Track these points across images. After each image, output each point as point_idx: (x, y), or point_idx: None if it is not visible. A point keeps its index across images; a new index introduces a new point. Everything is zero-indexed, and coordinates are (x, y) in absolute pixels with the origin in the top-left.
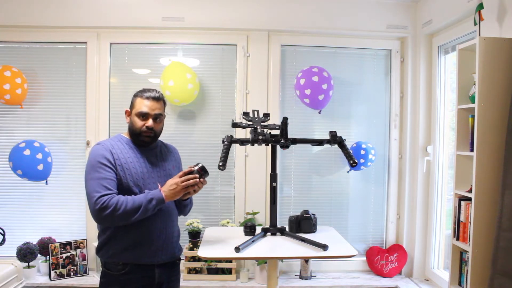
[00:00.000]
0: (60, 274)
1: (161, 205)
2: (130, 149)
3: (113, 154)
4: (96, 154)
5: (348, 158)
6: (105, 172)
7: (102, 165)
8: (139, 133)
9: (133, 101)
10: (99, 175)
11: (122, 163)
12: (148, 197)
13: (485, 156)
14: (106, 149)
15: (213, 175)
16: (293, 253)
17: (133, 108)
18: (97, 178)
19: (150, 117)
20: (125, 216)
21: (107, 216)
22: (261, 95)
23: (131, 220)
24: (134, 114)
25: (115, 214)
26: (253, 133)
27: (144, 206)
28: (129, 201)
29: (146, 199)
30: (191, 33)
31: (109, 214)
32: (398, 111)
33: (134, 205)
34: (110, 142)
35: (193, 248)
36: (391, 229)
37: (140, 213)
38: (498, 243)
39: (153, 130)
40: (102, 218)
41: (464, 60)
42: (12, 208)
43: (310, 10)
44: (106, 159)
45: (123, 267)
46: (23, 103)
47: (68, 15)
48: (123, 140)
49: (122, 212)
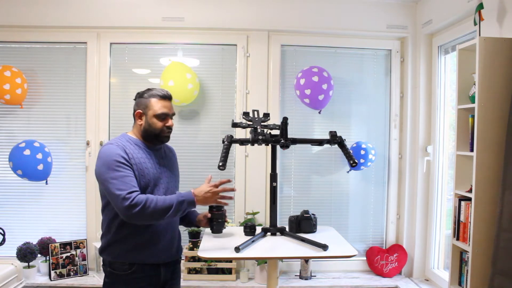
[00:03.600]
0: (60, 274)
1: (191, 208)
2: (140, 149)
3: (127, 154)
4: (112, 153)
5: (348, 158)
6: (125, 170)
7: (120, 163)
8: (159, 133)
9: (147, 102)
10: (120, 173)
11: (137, 162)
12: (179, 199)
13: (485, 156)
14: (120, 148)
15: (213, 175)
16: (293, 253)
17: (149, 110)
18: (119, 177)
19: (169, 117)
20: (155, 214)
21: (137, 213)
22: (261, 95)
23: (161, 219)
24: (152, 116)
25: (146, 211)
26: (253, 133)
27: (176, 206)
28: (160, 200)
29: (177, 200)
30: (191, 33)
31: (139, 211)
32: (398, 111)
33: (165, 204)
34: (121, 141)
35: (193, 248)
36: (391, 229)
37: (171, 213)
38: (498, 243)
39: (171, 129)
40: (132, 216)
41: (464, 60)
42: (12, 208)
43: (310, 10)
44: (123, 158)
45: (129, 267)
46: (23, 103)
47: (68, 15)
48: (131, 140)
49: (152, 210)
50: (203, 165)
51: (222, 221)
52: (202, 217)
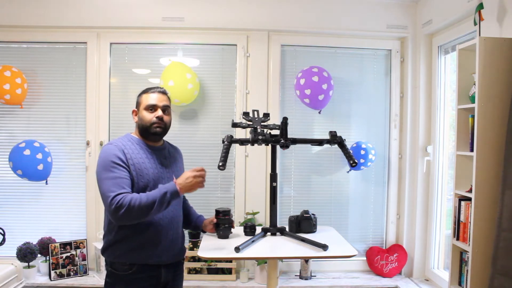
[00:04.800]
0: (60, 274)
1: (176, 197)
2: (141, 149)
3: (125, 154)
4: (109, 154)
5: (348, 158)
6: (119, 171)
7: (115, 164)
8: (150, 125)
9: (139, 99)
10: (113, 174)
11: (135, 163)
12: (162, 191)
13: (485, 156)
14: (118, 148)
15: (213, 175)
16: (293, 253)
17: (140, 105)
18: (111, 178)
19: (158, 108)
20: (141, 212)
21: (123, 215)
22: (261, 95)
23: (148, 216)
24: (142, 109)
25: (131, 211)
26: (253, 133)
27: (159, 200)
28: (143, 197)
29: (160, 193)
30: (191, 33)
31: (125, 212)
32: (398, 111)
33: (148, 200)
34: (121, 141)
35: (193, 248)
36: (391, 229)
37: (156, 207)
38: (498, 243)
39: (163, 121)
40: (119, 217)
41: (464, 60)
42: (12, 208)
43: (310, 10)
44: (119, 159)
45: (130, 267)
46: (23, 103)
47: (68, 15)
48: (133, 140)
49: (137, 209)
50: (203, 165)
51: (228, 226)
52: (208, 223)
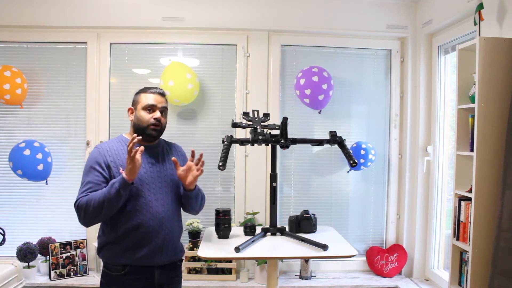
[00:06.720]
0: (60, 274)
1: (128, 186)
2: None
3: (107, 157)
4: (90, 158)
5: (348, 158)
6: (92, 175)
7: (91, 169)
8: (147, 126)
9: (137, 98)
10: (86, 179)
11: (118, 165)
12: (110, 183)
13: (485, 156)
14: (100, 152)
15: (213, 175)
16: (293, 253)
17: (138, 104)
18: (83, 182)
19: (157, 109)
20: (98, 208)
21: (83, 218)
22: (261, 95)
23: (106, 211)
24: (140, 109)
25: (88, 211)
26: (253, 133)
27: (107, 191)
28: (96, 195)
29: (108, 186)
30: (191, 33)
31: (84, 213)
32: (398, 111)
33: (100, 197)
34: (108, 144)
35: (193, 248)
36: (391, 229)
37: (107, 201)
38: (498, 243)
39: (160, 122)
40: (82, 220)
41: (464, 60)
42: (12, 208)
43: (310, 10)
44: (97, 163)
45: (122, 268)
46: (23, 103)
47: (68, 15)
48: (124, 141)
49: (92, 209)
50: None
51: (228, 226)
52: (180, 173)
